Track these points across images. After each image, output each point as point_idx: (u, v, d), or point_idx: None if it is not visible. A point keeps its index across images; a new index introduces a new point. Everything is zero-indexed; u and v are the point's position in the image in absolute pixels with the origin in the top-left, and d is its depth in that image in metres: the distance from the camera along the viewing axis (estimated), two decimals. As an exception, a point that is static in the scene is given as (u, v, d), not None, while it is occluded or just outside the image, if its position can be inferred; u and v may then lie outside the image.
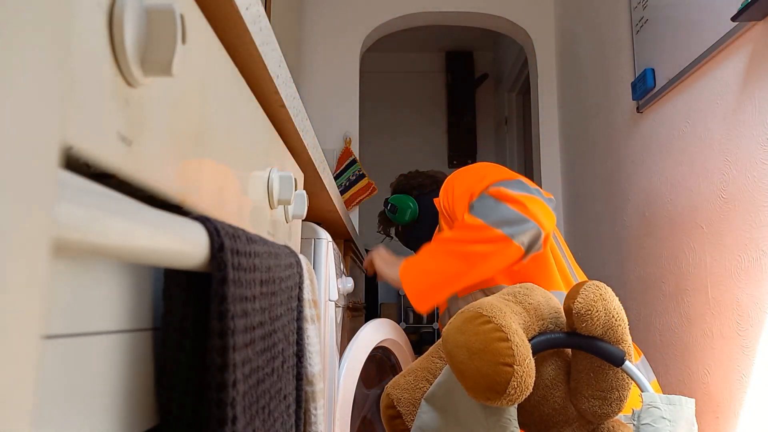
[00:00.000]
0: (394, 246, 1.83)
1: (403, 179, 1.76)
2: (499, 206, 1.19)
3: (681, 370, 1.44)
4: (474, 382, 0.66)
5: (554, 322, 0.77)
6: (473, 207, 1.26)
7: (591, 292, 0.74)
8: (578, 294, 0.75)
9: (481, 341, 0.65)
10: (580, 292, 0.75)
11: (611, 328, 0.74)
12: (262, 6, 0.50)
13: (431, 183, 1.70)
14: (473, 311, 0.69)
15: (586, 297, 0.74)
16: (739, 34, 1.17)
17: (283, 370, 0.48)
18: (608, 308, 0.74)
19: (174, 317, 0.32)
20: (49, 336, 0.23)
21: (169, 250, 0.26)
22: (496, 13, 2.86)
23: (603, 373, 0.77)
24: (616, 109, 1.96)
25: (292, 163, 0.71)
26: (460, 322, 0.69)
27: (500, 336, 0.65)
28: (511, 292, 0.78)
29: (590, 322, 0.73)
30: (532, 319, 0.74)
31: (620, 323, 0.75)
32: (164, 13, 0.27)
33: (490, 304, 0.70)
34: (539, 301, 0.77)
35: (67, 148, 0.22)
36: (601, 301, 0.74)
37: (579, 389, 0.79)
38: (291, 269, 0.52)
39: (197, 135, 0.36)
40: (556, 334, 0.76)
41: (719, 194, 1.28)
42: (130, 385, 0.30)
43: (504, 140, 4.06)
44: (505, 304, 0.72)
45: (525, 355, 0.65)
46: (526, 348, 0.66)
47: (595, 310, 0.73)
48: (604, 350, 0.75)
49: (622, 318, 0.76)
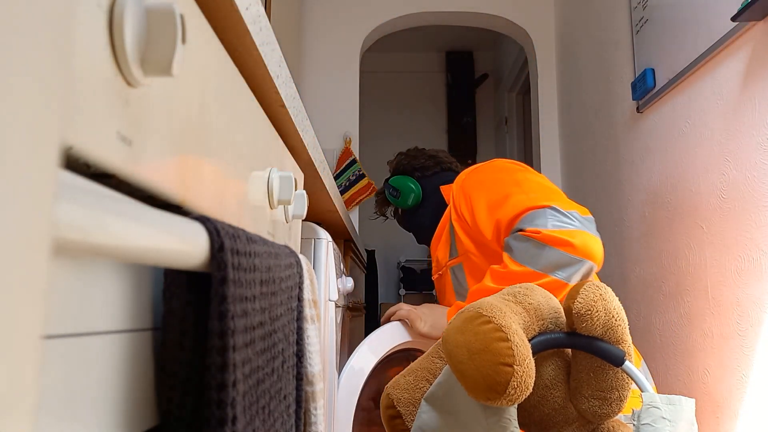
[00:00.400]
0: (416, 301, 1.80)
1: (403, 159, 1.68)
2: (544, 251, 1.10)
3: (681, 370, 1.44)
4: (474, 383, 0.66)
5: (554, 322, 0.78)
6: (512, 249, 1.15)
7: (591, 292, 0.74)
8: (578, 294, 0.75)
9: (481, 341, 0.65)
10: (580, 292, 0.75)
11: (611, 328, 0.75)
12: (262, 6, 0.50)
13: (434, 164, 1.63)
14: (473, 311, 0.69)
15: (586, 297, 0.74)
16: (739, 34, 1.17)
17: (283, 370, 0.48)
18: (608, 308, 0.74)
19: (174, 317, 0.32)
20: (49, 336, 0.23)
21: (169, 250, 0.26)
22: (496, 13, 2.86)
23: (603, 373, 0.77)
24: (616, 109, 1.96)
25: (292, 163, 0.71)
26: (460, 322, 0.69)
27: (500, 336, 0.65)
28: (511, 293, 0.77)
29: (590, 322, 0.73)
30: (532, 319, 0.74)
31: (620, 323, 0.75)
32: (164, 13, 0.27)
33: (490, 304, 0.70)
34: (539, 301, 0.77)
35: (67, 148, 0.22)
36: (601, 301, 0.74)
37: (579, 389, 0.79)
38: (291, 269, 0.52)
39: (197, 135, 0.36)
40: (556, 333, 0.76)
41: (719, 194, 1.28)
42: (130, 385, 0.30)
43: (504, 140, 4.06)
44: (505, 304, 0.72)
45: (525, 355, 0.65)
46: (526, 348, 0.66)
47: (595, 310, 0.73)
48: (604, 350, 0.75)
49: (622, 318, 0.76)
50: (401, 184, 1.61)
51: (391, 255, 4.24)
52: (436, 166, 1.63)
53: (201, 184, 0.37)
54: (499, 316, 0.67)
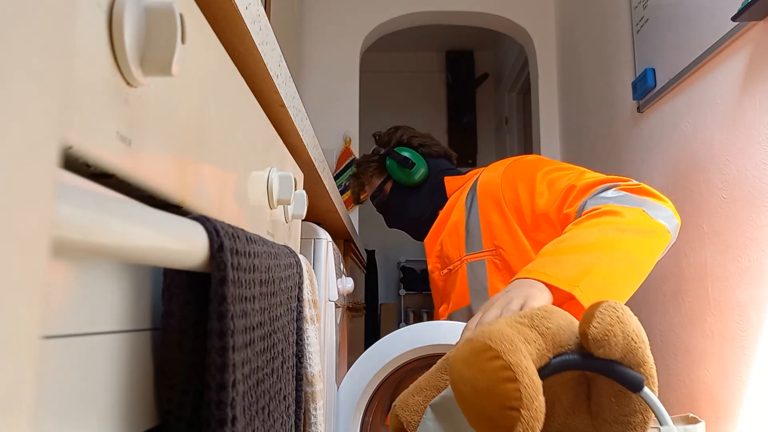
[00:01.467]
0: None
1: (405, 131, 1.54)
2: (645, 200, 1.00)
3: (681, 370, 1.44)
4: (476, 423, 0.63)
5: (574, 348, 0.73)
6: (602, 199, 1.02)
7: (608, 315, 0.69)
8: (593, 318, 0.69)
9: (486, 380, 0.62)
10: (596, 315, 0.69)
11: (631, 351, 0.70)
12: (261, 5, 0.50)
13: (435, 145, 1.53)
14: (481, 343, 0.64)
15: (602, 321, 0.69)
16: (740, 34, 1.17)
17: (282, 370, 0.48)
18: (626, 331, 0.69)
19: (174, 317, 0.32)
20: (49, 336, 0.22)
21: (169, 250, 0.26)
22: (497, 13, 2.86)
23: (625, 397, 0.73)
24: (616, 108, 1.96)
25: (292, 162, 0.71)
26: (467, 353, 0.65)
27: (508, 376, 0.61)
28: (528, 315, 0.73)
29: (607, 348, 0.69)
30: (548, 345, 0.70)
31: (640, 345, 0.71)
32: (164, 12, 0.27)
33: (501, 334, 0.65)
34: (559, 325, 0.72)
35: (66, 148, 0.22)
36: (619, 324, 0.69)
37: (601, 414, 0.75)
38: (291, 269, 0.52)
39: (197, 135, 0.36)
40: (571, 355, 0.72)
41: (720, 194, 1.28)
42: (130, 385, 0.30)
43: (504, 140, 4.06)
44: (518, 332, 0.67)
45: (533, 396, 0.61)
46: (536, 388, 0.61)
47: (612, 335, 0.68)
48: (622, 375, 0.71)
49: (642, 339, 0.71)
50: (413, 155, 1.46)
51: (391, 255, 4.24)
52: (438, 147, 1.54)
53: (200, 184, 0.37)
54: (509, 351, 0.62)
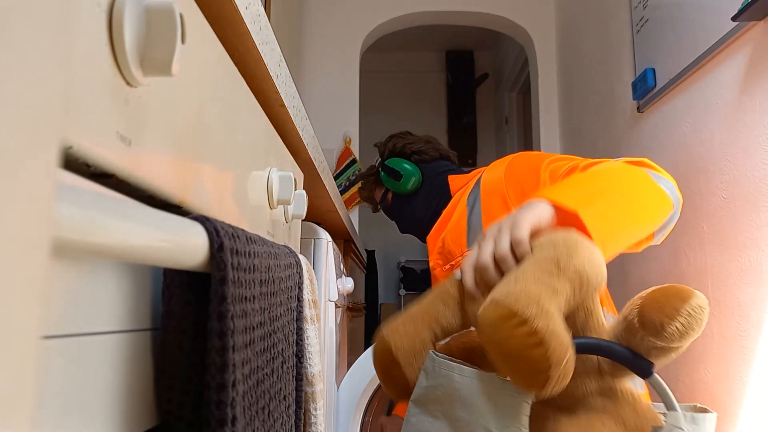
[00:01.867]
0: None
1: (398, 141, 1.58)
2: (649, 170, 0.98)
3: (681, 370, 1.44)
4: (515, 379, 0.63)
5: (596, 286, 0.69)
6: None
7: (701, 314, 0.66)
8: (679, 313, 0.65)
9: (515, 346, 0.61)
10: (681, 311, 0.65)
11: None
12: (261, 5, 0.50)
13: (432, 150, 1.55)
14: (507, 309, 0.62)
15: (693, 316, 0.65)
16: (740, 34, 1.17)
17: (282, 370, 0.48)
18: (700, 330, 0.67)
19: (174, 317, 0.32)
20: (49, 336, 0.22)
21: (169, 250, 0.26)
22: (497, 13, 2.86)
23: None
24: (616, 108, 1.96)
25: (292, 162, 0.71)
26: (495, 319, 0.63)
27: (536, 341, 0.60)
28: (554, 259, 0.67)
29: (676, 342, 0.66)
30: (576, 288, 0.66)
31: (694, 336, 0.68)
32: (164, 12, 0.27)
33: (528, 297, 0.62)
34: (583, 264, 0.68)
35: (66, 148, 0.22)
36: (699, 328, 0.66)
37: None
38: (290, 269, 0.52)
39: (197, 134, 0.36)
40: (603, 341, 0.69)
41: (720, 194, 1.28)
42: (130, 385, 0.30)
43: (504, 140, 4.06)
44: (545, 286, 0.64)
45: (562, 356, 0.60)
46: (565, 347, 0.60)
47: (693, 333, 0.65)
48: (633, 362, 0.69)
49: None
50: (401, 166, 1.53)
51: (391, 255, 4.24)
52: (433, 151, 1.56)
53: (200, 184, 0.37)
54: (536, 316, 0.60)
